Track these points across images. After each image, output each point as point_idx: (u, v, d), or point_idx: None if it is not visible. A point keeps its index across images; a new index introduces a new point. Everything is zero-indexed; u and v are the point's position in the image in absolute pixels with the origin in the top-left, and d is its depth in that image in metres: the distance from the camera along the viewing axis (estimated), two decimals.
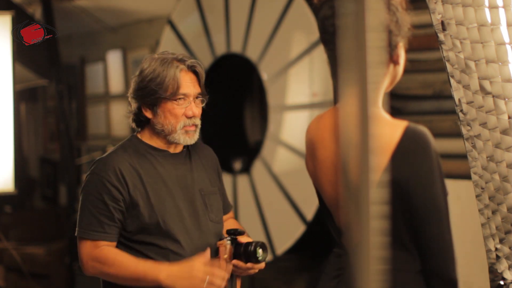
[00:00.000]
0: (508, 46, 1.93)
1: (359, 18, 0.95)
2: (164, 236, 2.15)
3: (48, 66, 5.46)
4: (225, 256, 2.16)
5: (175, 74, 2.19)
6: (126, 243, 2.18)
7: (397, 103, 3.78)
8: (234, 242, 2.18)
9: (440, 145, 1.60)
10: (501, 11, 1.92)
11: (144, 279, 2.10)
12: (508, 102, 1.94)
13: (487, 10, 1.93)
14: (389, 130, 1.57)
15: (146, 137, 2.29)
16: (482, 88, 1.99)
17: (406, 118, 1.76)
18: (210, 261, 2.11)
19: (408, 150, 1.55)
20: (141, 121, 2.29)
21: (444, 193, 1.56)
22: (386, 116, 1.62)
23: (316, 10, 1.70)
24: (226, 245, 2.17)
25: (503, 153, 2.00)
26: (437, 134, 1.60)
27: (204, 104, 2.30)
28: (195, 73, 2.26)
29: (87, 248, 2.17)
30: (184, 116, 2.21)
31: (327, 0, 1.63)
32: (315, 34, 4.07)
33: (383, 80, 1.64)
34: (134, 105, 2.27)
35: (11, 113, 4.00)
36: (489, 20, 1.93)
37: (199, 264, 2.08)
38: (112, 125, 6.84)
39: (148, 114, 2.24)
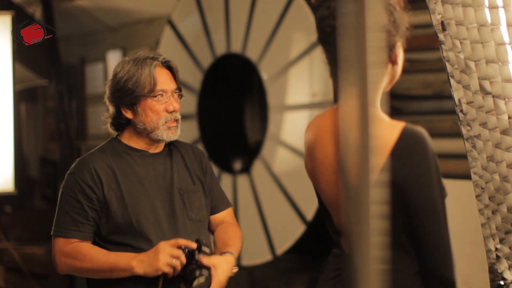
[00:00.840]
0: (508, 46, 1.93)
1: (359, 18, 0.95)
2: (137, 236, 2.15)
3: (48, 66, 5.46)
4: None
5: (150, 71, 2.20)
6: (101, 244, 2.19)
7: (397, 103, 3.78)
8: (190, 257, 2.09)
9: (440, 145, 1.61)
10: (501, 11, 1.92)
11: (117, 268, 2.11)
12: (508, 102, 1.94)
13: (487, 10, 1.93)
14: (386, 130, 1.57)
15: (125, 139, 2.29)
16: (482, 88, 1.99)
17: (406, 118, 1.76)
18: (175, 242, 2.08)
19: (406, 150, 1.55)
20: (120, 124, 2.29)
21: (442, 194, 1.56)
22: (384, 117, 1.62)
23: (313, 10, 1.70)
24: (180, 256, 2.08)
25: (503, 153, 2.00)
26: (437, 134, 1.60)
27: (181, 99, 2.29)
28: (170, 68, 2.26)
29: (59, 245, 2.19)
30: (165, 111, 2.21)
31: (324, 1, 1.63)
32: (315, 34, 4.07)
33: (382, 80, 1.64)
34: (112, 109, 2.27)
35: (11, 113, 4.00)
36: (489, 20, 1.93)
37: (163, 245, 2.06)
38: None
39: (129, 114, 2.24)
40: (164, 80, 2.22)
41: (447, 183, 1.62)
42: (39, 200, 7.66)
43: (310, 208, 4.12)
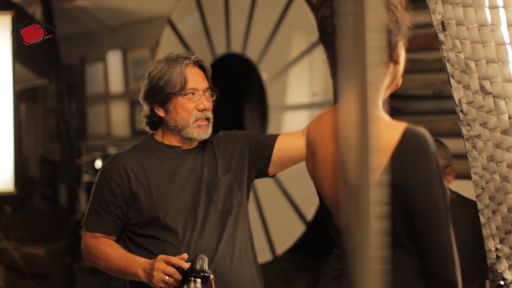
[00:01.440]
0: (508, 46, 1.93)
1: (359, 18, 0.94)
2: (163, 229, 2.19)
3: (48, 66, 5.46)
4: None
5: (181, 69, 2.23)
6: (131, 237, 2.24)
7: (397, 103, 3.78)
8: (185, 274, 2.07)
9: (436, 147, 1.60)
10: (501, 11, 1.91)
11: (127, 273, 2.17)
12: (509, 102, 1.94)
13: (487, 10, 1.92)
14: (388, 131, 1.56)
15: (159, 137, 2.33)
16: (482, 88, 1.99)
17: (406, 118, 1.76)
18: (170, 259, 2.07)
19: (407, 151, 1.54)
20: (154, 123, 2.32)
21: (444, 194, 1.56)
22: (386, 117, 1.62)
23: (315, 10, 1.69)
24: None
25: (504, 153, 2.00)
26: (437, 134, 1.59)
27: (214, 99, 2.31)
28: (202, 67, 2.30)
29: (85, 238, 2.28)
30: (195, 110, 2.24)
31: (326, 0, 1.63)
32: (315, 34, 4.06)
33: (383, 80, 1.64)
34: (146, 108, 2.31)
35: (11, 113, 4.00)
36: (490, 20, 1.93)
37: (159, 262, 2.07)
38: (112, 125, 6.84)
39: (161, 112, 2.27)
40: (195, 79, 2.25)
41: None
42: (39, 200, 7.67)
43: (310, 208, 4.12)
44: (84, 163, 6.71)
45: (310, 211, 4.12)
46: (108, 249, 2.22)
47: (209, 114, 2.28)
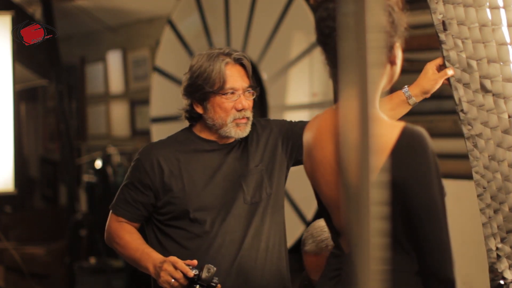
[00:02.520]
0: (509, 46, 1.93)
1: (359, 18, 0.95)
2: (192, 221, 2.19)
3: (48, 66, 5.46)
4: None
5: (221, 68, 2.20)
6: (160, 227, 2.25)
7: None
8: (191, 280, 2.07)
9: (440, 145, 1.60)
10: (502, 12, 1.92)
11: (139, 265, 2.19)
12: (508, 101, 1.94)
13: (488, 10, 1.93)
14: (386, 130, 1.57)
15: (197, 130, 2.30)
16: (482, 87, 1.99)
17: (406, 118, 1.76)
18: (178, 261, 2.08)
19: (405, 150, 1.55)
20: (193, 118, 2.30)
21: (442, 194, 1.56)
22: (384, 117, 1.62)
23: (313, 11, 1.70)
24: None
25: (505, 152, 2.00)
26: (437, 134, 1.59)
27: (255, 96, 2.30)
28: (242, 65, 2.26)
29: (110, 220, 2.30)
30: (234, 109, 2.22)
31: (323, 2, 1.63)
32: (315, 35, 4.07)
33: (381, 80, 1.64)
34: (185, 102, 2.29)
35: (11, 113, 4.00)
36: (491, 20, 1.93)
37: (167, 264, 2.08)
38: (112, 125, 6.84)
39: (199, 109, 2.25)
40: (234, 78, 2.22)
41: (447, 183, 1.62)
42: (39, 200, 7.67)
43: (310, 208, 4.12)
44: (84, 163, 6.71)
45: (310, 211, 4.12)
46: (128, 236, 2.23)
47: (248, 113, 2.26)
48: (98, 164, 5.78)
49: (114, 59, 6.75)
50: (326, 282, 1.75)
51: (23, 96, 7.19)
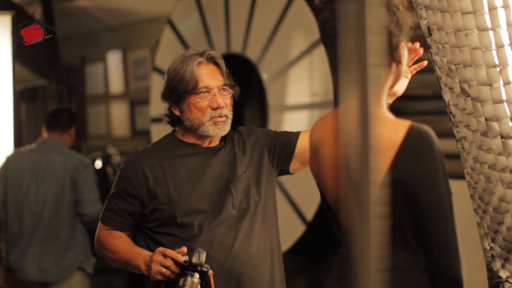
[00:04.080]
0: (481, 51, 1.93)
1: (360, 19, 0.95)
2: (179, 227, 2.18)
3: (48, 66, 5.46)
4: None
5: (193, 68, 2.19)
6: (149, 234, 2.25)
7: (397, 103, 3.78)
8: (183, 267, 2.05)
9: (440, 145, 1.60)
10: (472, 17, 1.92)
11: (130, 265, 2.18)
12: (485, 105, 1.95)
13: (459, 15, 1.93)
14: (392, 129, 1.57)
15: (180, 134, 2.31)
16: (463, 91, 2.01)
17: (406, 118, 1.76)
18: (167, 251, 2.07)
19: (412, 149, 1.55)
20: (174, 121, 2.31)
21: (449, 193, 1.56)
22: (390, 116, 1.62)
23: (317, 11, 1.69)
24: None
25: (485, 155, 2.01)
26: (437, 134, 1.59)
27: (232, 94, 2.28)
28: (216, 64, 2.25)
29: (99, 229, 2.31)
30: (209, 108, 2.20)
31: (327, 2, 1.63)
32: (315, 34, 4.07)
33: (386, 80, 1.64)
34: (165, 106, 2.30)
35: (11, 113, 4.00)
36: (463, 25, 1.93)
37: (157, 254, 2.07)
38: (112, 125, 6.84)
39: (177, 112, 2.25)
40: (208, 77, 2.21)
41: (452, 183, 1.62)
42: None
43: (310, 208, 4.12)
44: None
45: (310, 211, 4.12)
46: (116, 241, 2.24)
47: (225, 112, 2.22)
48: (98, 164, 5.78)
49: (114, 59, 6.75)
50: (333, 283, 1.75)
51: (23, 96, 7.19)
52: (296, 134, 2.34)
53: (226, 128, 2.24)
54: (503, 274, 2.17)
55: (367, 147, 0.96)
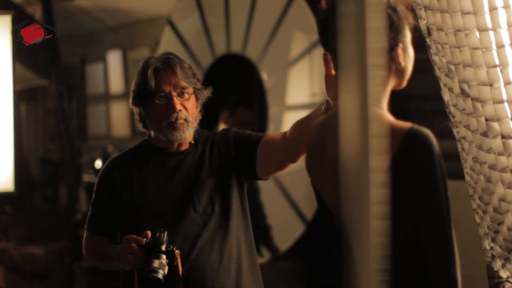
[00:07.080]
0: (481, 51, 1.93)
1: (360, 19, 0.95)
2: (142, 230, 2.13)
3: (48, 66, 5.46)
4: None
5: (149, 73, 2.18)
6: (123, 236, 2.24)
7: (397, 103, 3.78)
8: (148, 250, 2.05)
9: (440, 145, 1.60)
10: (473, 17, 1.91)
11: (111, 264, 2.20)
12: (485, 105, 1.95)
13: (460, 16, 1.93)
14: (392, 131, 1.57)
15: (153, 138, 2.30)
16: (462, 91, 2.01)
17: (405, 118, 1.75)
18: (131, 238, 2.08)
19: (411, 151, 1.55)
20: (146, 126, 2.30)
21: (446, 194, 1.56)
22: (390, 117, 1.62)
23: (320, 13, 1.69)
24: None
25: (485, 155, 2.01)
26: (437, 135, 1.59)
27: (190, 95, 2.23)
28: (172, 68, 2.20)
29: (84, 237, 2.34)
30: (166, 112, 2.18)
31: (333, 6, 1.63)
32: (315, 34, 4.07)
33: (387, 81, 1.64)
34: (136, 111, 2.29)
35: (11, 113, 4.00)
36: (463, 26, 1.93)
37: (122, 244, 2.09)
38: (112, 125, 6.84)
39: (142, 116, 2.27)
40: (162, 81, 2.19)
41: (451, 184, 1.62)
42: (39, 200, 7.66)
43: (310, 208, 4.12)
44: (84, 163, 6.71)
45: (310, 211, 4.12)
46: (96, 245, 2.27)
47: (183, 115, 2.19)
48: (98, 164, 5.78)
49: (114, 59, 6.75)
50: (330, 282, 1.75)
51: (23, 96, 7.19)
52: (260, 138, 2.27)
53: (187, 131, 2.21)
54: (504, 274, 2.17)
55: (367, 147, 0.96)
